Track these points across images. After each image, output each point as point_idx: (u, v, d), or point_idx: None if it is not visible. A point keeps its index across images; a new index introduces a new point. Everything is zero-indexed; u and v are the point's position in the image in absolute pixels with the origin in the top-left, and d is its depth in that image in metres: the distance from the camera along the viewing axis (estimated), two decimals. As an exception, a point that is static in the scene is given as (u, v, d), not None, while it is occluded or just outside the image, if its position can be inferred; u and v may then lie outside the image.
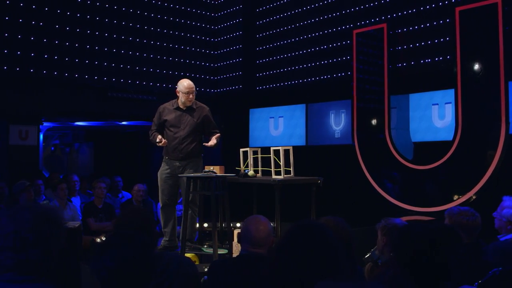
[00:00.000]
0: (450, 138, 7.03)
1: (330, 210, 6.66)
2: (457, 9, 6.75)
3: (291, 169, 5.21)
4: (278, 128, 9.65)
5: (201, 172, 5.26)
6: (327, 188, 5.97)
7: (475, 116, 6.60)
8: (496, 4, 6.41)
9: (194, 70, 10.09)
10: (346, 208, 7.49)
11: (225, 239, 5.06)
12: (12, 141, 8.02)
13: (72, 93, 8.57)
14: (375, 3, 8.02)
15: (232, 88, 10.20)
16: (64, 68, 8.38)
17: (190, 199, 5.30)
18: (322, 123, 8.97)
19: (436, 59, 7.35)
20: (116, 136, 12.76)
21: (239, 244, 4.32)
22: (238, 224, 5.12)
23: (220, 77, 10.37)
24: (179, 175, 5.16)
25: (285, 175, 5.05)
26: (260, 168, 5.44)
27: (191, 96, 5.54)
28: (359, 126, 7.88)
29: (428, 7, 7.40)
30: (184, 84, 5.57)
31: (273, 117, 9.72)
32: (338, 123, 8.74)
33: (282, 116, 9.59)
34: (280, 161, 4.98)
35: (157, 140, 5.44)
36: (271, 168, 5.27)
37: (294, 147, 7.07)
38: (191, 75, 9.95)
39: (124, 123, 10.73)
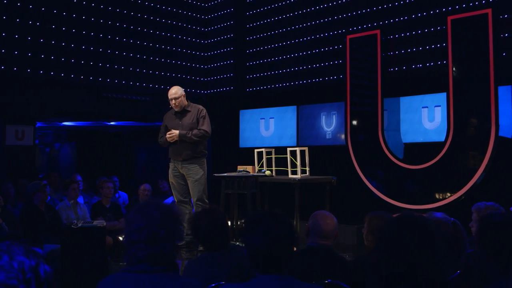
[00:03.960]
0: (439, 139, 7.45)
1: (315, 209, 6.92)
2: (449, 18, 7.15)
3: (307, 168, 5.46)
4: (269, 129, 9.89)
5: (205, 171, 5.56)
6: (321, 186, 6.26)
7: (466, 118, 7.02)
8: (486, 14, 6.85)
9: (185, 72, 10.23)
10: (340, 206, 7.79)
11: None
12: (9, 141, 8.00)
13: (68, 93, 8.59)
14: (368, 10, 8.36)
15: (223, 89, 10.39)
16: (60, 68, 8.40)
17: (201, 197, 5.55)
18: (313, 124, 9.25)
19: (427, 64, 7.73)
20: (99, 136, 12.75)
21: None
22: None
23: (211, 78, 10.54)
24: (215, 174, 5.36)
25: (301, 175, 5.30)
26: (274, 168, 5.67)
27: (173, 101, 5.86)
28: (352, 127, 8.20)
29: (419, 15, 7.78)
30: (169, 91, 5.96)
31: (264, 118, 9.95)
32: (329, 124, 9.05)
33: (273, 117, 9.84)
34: (297, 161, 5.22)
35: (166, 139, 5.73)
36: (284, 168, 5.50)
37: (286, 148, 7.33)
38: (182, 76, 10.12)
39: (112, 123, 10.77)
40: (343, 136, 8.53)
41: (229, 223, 5.91)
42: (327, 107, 9.06)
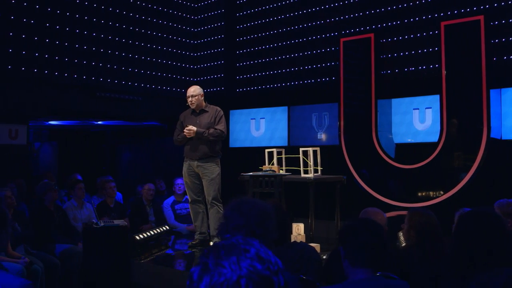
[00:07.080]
0: (430, 140, 7.74)
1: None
2: (442, 23, 7.41)
3: (319, 168, 5.61)
4: (259, 129, 10.01)
5: (219, 171, 5.67)
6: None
7: (459, 120, 7.31)
8: (479, 20, 7.15)
9: (176, 72, 10.26)
10: (334, 205, 7.98)
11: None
12: (2, 140, 7.88)
13: (61, 92, 8.52)
14: (361, 14, 8.58)
15: (213, 89, 10.46)
16: (54, 67, 8.33)
17: (216, 196, 5.66)
18: (305, 125, 9.42)
19: (420, 67, 8.00)
20: (82, 135, 12.61)
21: (297, 236, 4.68)
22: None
23: (202, 78, 10.59)
24: (242, 174, 5.45)
25: (314, 174, 5.45)
26: (284, 168, 5.81)
27: (189, 99, 5.98)
28: (346, 128, 8.39)
29: (413, 20, 8.04)
30: (188, 89, 6.07)
31: (254, 118, 10.07)
32: (320, 125, 9.23)
33: (263, 118, 9.96)
34: (310, 161, 5.36)
35: (184, 136, 5.81)
36: (294, 167, 5.65)
37: (276, 147, 7.46)
38: (173, 76, 10.15)
39: (100, 122, 10.69)
40: (334, 137, 8.71)
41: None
42: (319, 108, 9.23)
